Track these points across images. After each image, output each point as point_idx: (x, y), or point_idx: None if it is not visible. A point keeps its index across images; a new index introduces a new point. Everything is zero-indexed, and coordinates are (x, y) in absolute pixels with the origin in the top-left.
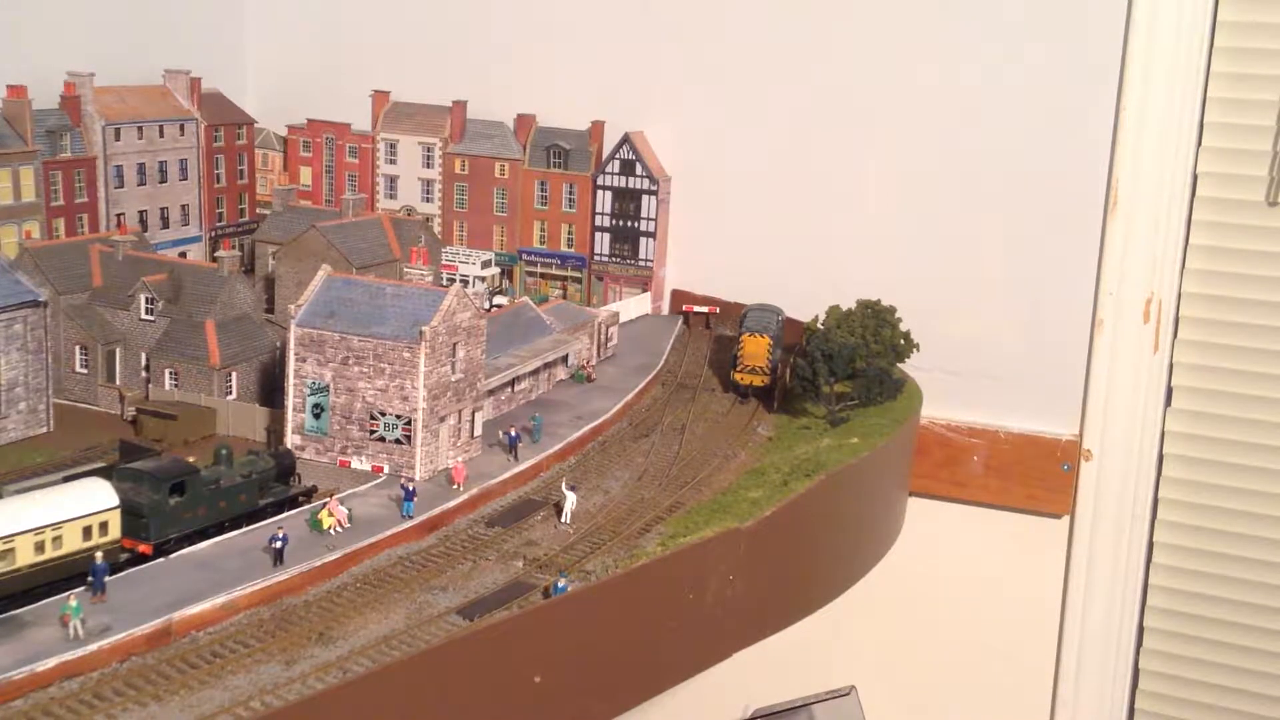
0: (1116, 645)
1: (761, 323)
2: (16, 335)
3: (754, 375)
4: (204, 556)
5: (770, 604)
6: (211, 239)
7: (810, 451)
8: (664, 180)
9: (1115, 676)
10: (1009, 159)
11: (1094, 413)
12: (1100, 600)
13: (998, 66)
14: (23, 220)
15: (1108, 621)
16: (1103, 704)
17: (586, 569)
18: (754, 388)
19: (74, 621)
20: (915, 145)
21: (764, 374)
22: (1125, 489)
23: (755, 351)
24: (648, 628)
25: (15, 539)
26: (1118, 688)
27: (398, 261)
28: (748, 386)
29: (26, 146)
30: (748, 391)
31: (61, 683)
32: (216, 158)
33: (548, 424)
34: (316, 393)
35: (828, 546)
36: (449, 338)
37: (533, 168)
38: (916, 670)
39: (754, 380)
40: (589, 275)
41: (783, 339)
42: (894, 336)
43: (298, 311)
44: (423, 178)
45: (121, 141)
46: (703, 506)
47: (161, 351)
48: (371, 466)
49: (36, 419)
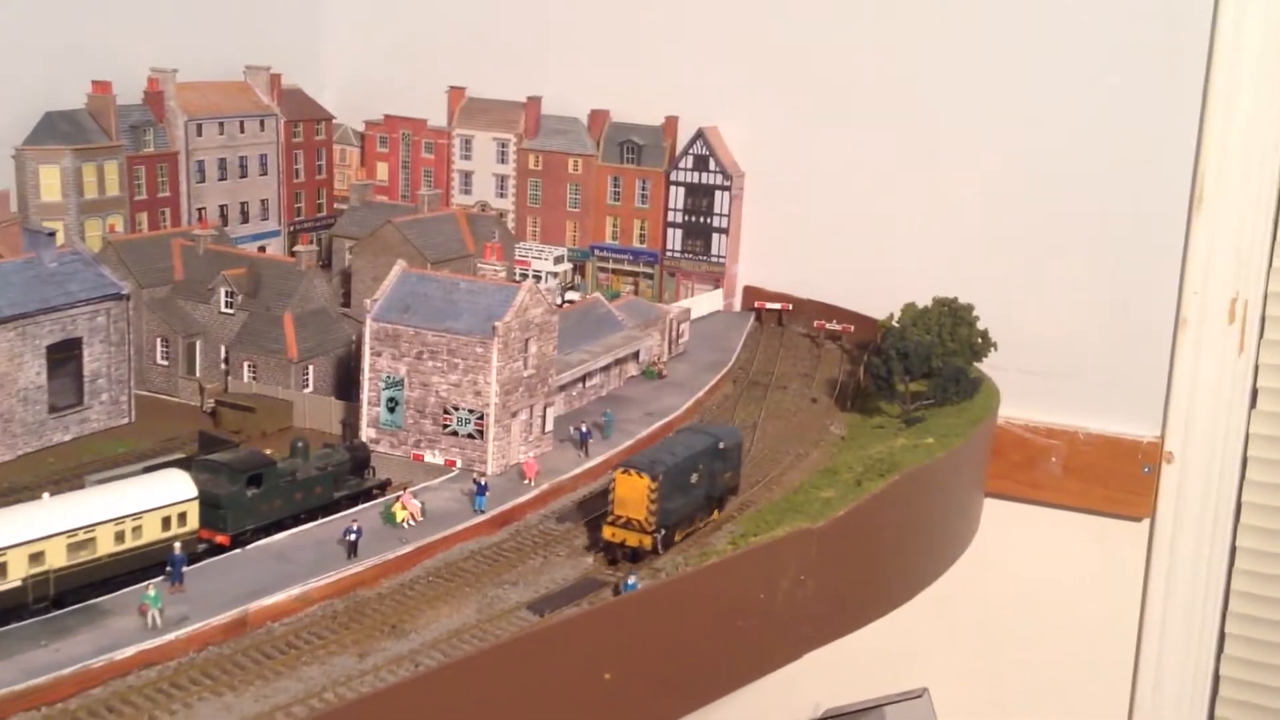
0: (1197, 652)
1: (661, 454)
2: (100, 327)
3: (627, 531)
4: (280, 548)
5: (843, 605)
6: (290, 233)
7: (884, 451)
8: (737, 176)
9: (1195, 683)
10: (1091, 155)
11: (1176, 414)
12: (1181, 605)
13: (1080, 62)
14: (107, 214)
15: (1188, 627)
16: (1181, 711)
17: (656, 567)
18: (629, 549)
19: (152, 611)
20: (995, 142)
21: (642, 529)
22: (1208, 492)
23: (628, 497)
24: (718, 626)
25: (96, 528)
26: (1198, 695)
27: (472, 257)
28: (619, 546)
29: (111, 141)
30: (618, 555)
31: (139, 671)
32: (295, 153)
33: (618, 420)
34: (391, 387)
35: (901, 548)
36: (521, 333)
37: (606, 163)
38: (991, 674)
39: (627, 538)
40: (661, 271)
41: (713, 479)
42: (971, 335)
43: (373, 306)
44: (497, 173)
45: (203, 137)
46: (774, 505)
47: (240, 344)
48: (444, 460)
49: (118, 410)
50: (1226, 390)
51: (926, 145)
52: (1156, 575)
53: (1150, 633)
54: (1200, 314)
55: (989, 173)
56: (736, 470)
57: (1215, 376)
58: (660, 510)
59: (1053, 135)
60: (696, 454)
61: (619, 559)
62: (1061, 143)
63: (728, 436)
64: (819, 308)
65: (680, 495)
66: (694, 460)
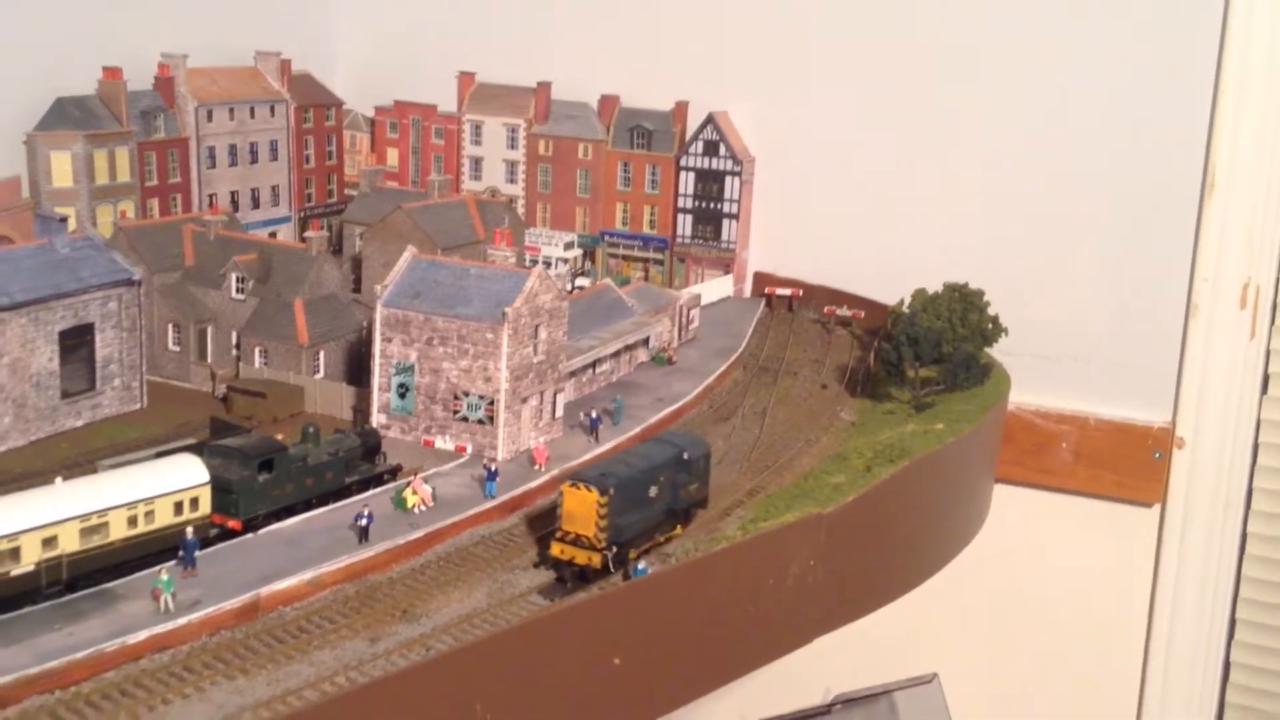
0: (1208, 638)
1: (614, 466)
2: (112, 313)
3: (576, 548)
4: (291, 533)
5: (852, 590)
6: (300, 219)
7: (894, 437)
8: (748, 161)
9: (1206, 669)
10: (1103, 141)
11: (1187, 400)
12: (1191, 591)
13: (1092, 47)
14: (118, 200)
15: (1199, 613)
16: (1192, 697)
17: (666, 552)
18: (577, 567)
19: (165, 595)
20: (1006, 127)
21: (592, 547)
22: (1219, 478)
23: (576, 512)
24: (727, 612)
25: (109, 513)
26: (1208, 680)
27: (482, 243)
28: (568, 564)
29: (122, 127)
30: (565, 574)
31: (152, 655)
32: (306, 139)
33: (628, 406)
34: (402, 372)
35: (911, 533)
36: (531, 319)
37: (616, 149)
38: (1000, 659)
39: (576, 556)
40: (671, 257)
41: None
42: (982, 320)
43: (384, 292)
44: (507, 159)
45: (213, 122)
46: (784, 491)
47: (251, 330)
48: (455, 446)
49: (130, 395)
50: (1238, 376)
51: (938, 130)
52: (1167, 561)
53: (1160, 618)
54: (1212, 299)
55: (1000, 158)
56: (704, 482)
57: (1227, 362)
58: (612, 526)
59: (1065, 121)
60: (656, 465)
61: (566, 578)
62: (1073, 128)
63: (693, 447)
64: (829, 293)
65: (637, 510)
66: (653, 472)
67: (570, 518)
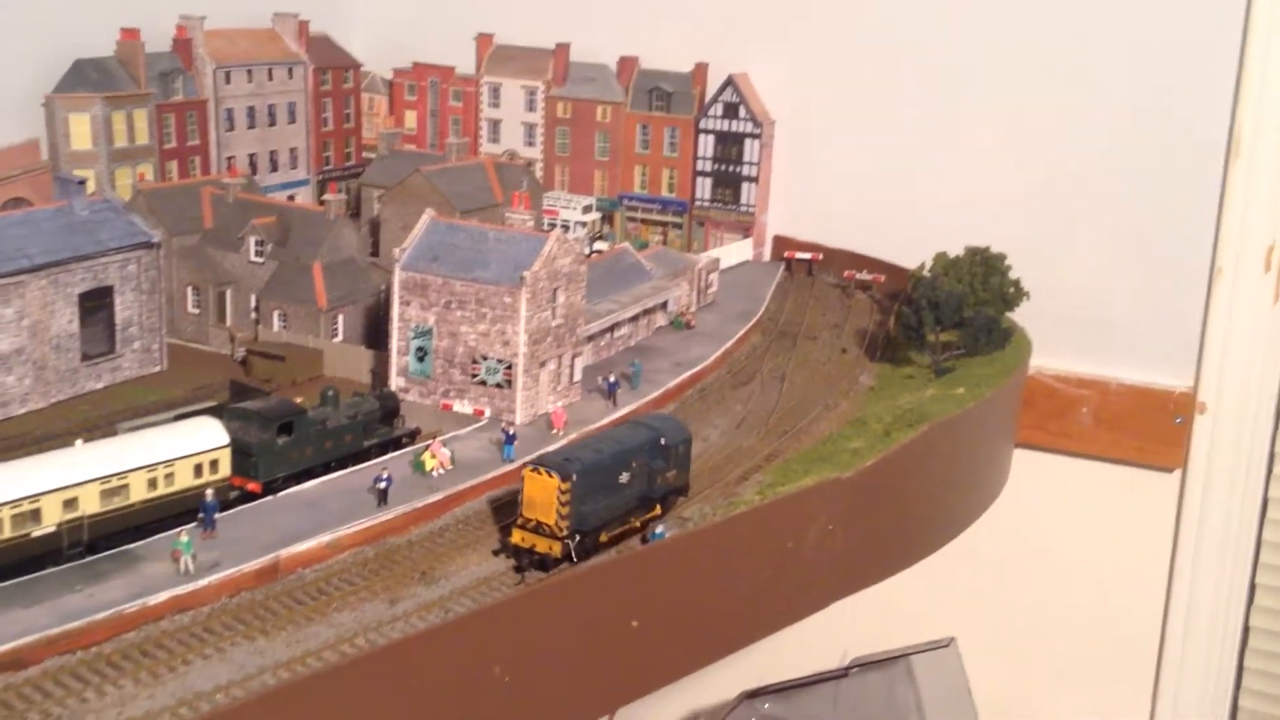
0: (1227, 602)
1: (580, 451)
2: (131, 276)
3: (537, 536)
4: (310, 496)
5: (870, 555)
6: (319, 182)
7: (914, 401)
8: (768, 123)
9: (1225, 633)
10: (1125, 101)
11: (1210, 364)
12: (1211, 557)
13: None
14: (137, 162)
15: (1218, 578)
16: (1210, 661)
17: (684, 516)
18: (538, 555)
19: (185, 557)
20: (1029, 89)
21: (552, 535)
22: (1240, 443)
23: (537, 498)
24: (745, 576)
25: (129, 475)
26: (1227, 645)
27: (500, 206)
28: (528, 553)
29: (140, 89)
30: (523, 563)
31: (172, 616)
32: (324, 101)
33: (647, 370)
34: (420, 336)
35: (930, 498)
36: (550, 283)
37: (635, 111)
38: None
39: (536, 544)
40: (690, 221)
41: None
42: (1003, 284)
43: (402, 255)
44: (525, 121)
45: (232, 84)
46: (802, 455)
47: (270, 293)
48: (473, 410)
49: (150, 358)
50: (1261, 340)
51: (959, 93)
52: (1187, 527)
53: (1180, 584)
54: (1235, 263)
55: (1023, 120)
56: (684, 469)
57: (1250, 326)
58: (575, 514)
59: (1089, 84)
60: (629, 450)
61: (524, 567)
62: (1097, 92)
63: (672, 431)
64: (849, 257)
65: (604, 497)
66: (624, 457)
67: (531, 504)
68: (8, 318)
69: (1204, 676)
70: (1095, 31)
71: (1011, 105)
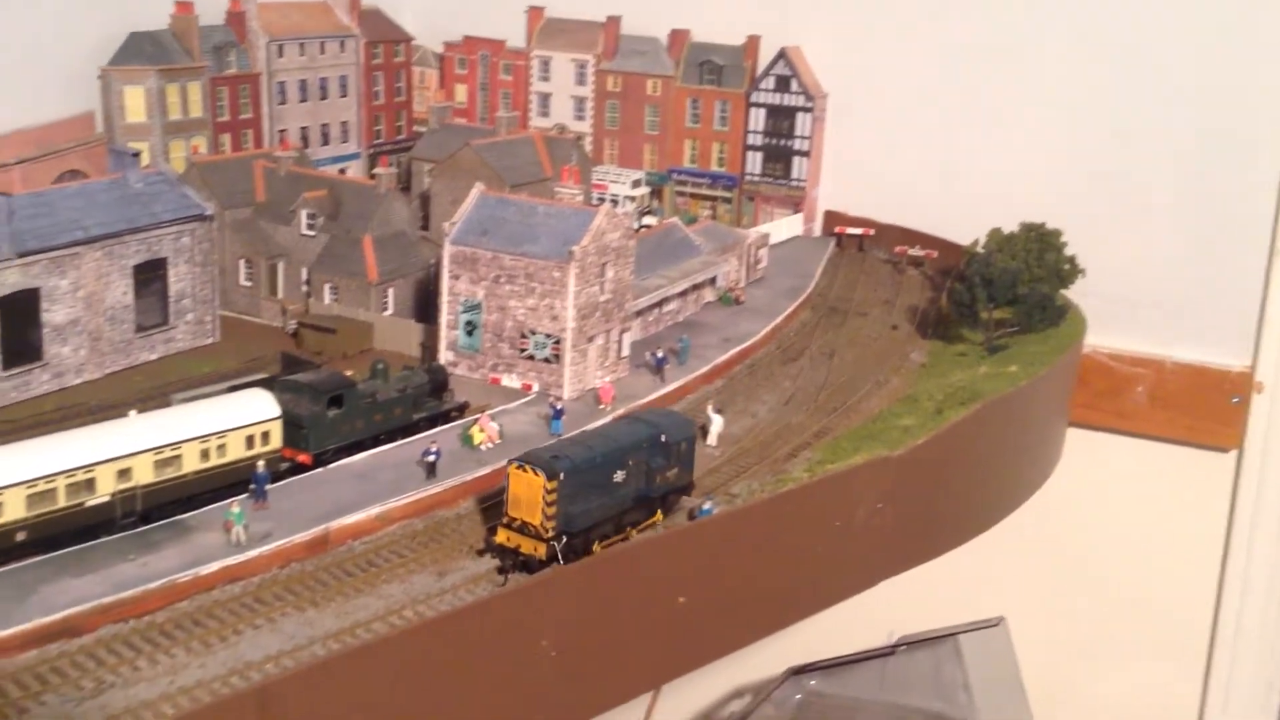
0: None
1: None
2: (185, 248)
3: (523, 536)
4: (360, 468)
5: (920, 533)
6: (369, 156)
7: (966, 379)
8: (820, 97)
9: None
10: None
11: (1269, 343)
12: (1267, 537)
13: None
14: (190, 135)
15: (1273, 559)
16: (1265, 643)
17: (732, 493)
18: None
19: (236, 528)
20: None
21: (538, 536)
22: None
23: (522, 497)
24: (793, 553)
25: (182, 446)
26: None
27: (549, 180)
28: (513, 553)
29: (194, 62)
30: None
31: (224, 586)
32: (375, 75)
33: (695, 346)
34: (469, 310)
35: (982, 477)
36: (598, 258)
37: (685, 84)
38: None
39: (522, 544)
40: (739, 195)
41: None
42: (1059, 261)
43: (452, 229)
44: (575, 95)
45: (284, 58)
46: (852, 433)
47: (321, 266)
48: (521, 384)
49: (203, 330)
50: None
51: (1015, 66)
52: (1243, 507)
53: (1234, 564)
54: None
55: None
56: (687, 467)
57: None
58: (562, 514)
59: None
60: (624, 447)
61: (507, 569)
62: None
63: (674, 427)
64: (901, 233)
65: (596, 496)
66: (618, 455)
67: (516, 503)
68: (63, 289)
69: (1257, 657)
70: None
71: (1070, 79)
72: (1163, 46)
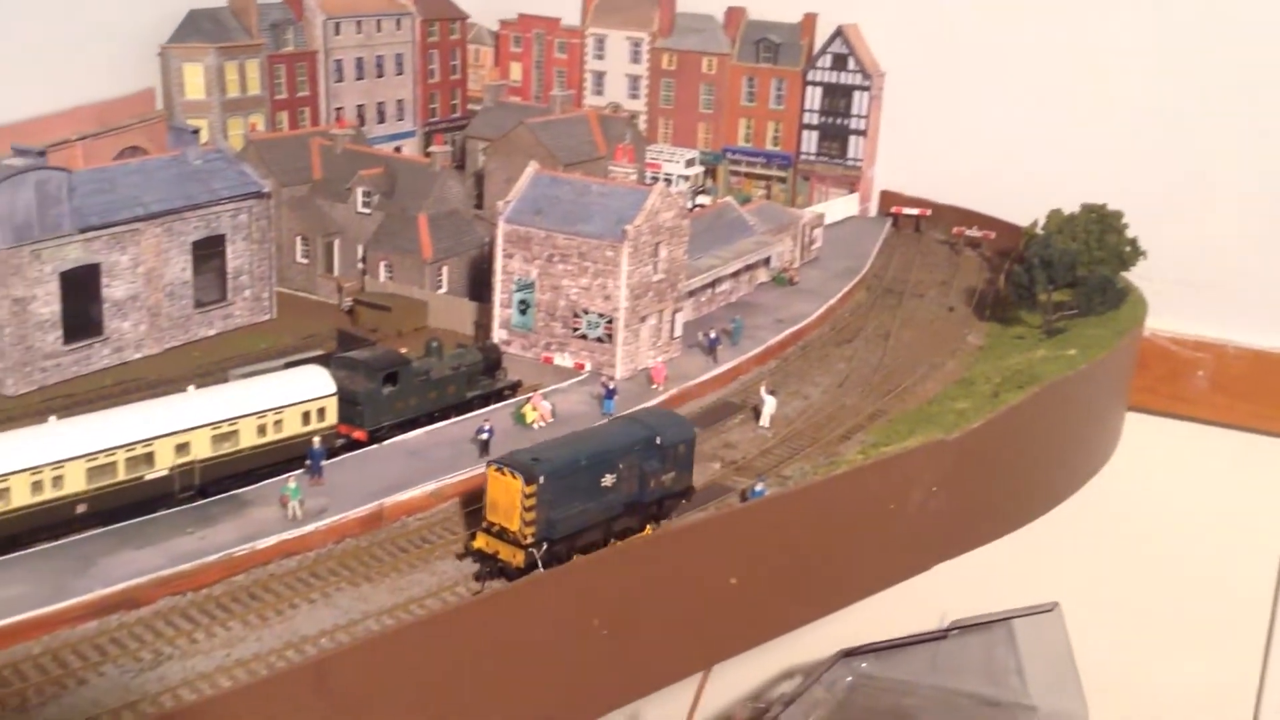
0: None
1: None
2: (242, 225)
3: (501, 542)
4: (414, 445)
5: (975, 518)
6: (425, 134)
7: (1024, 362)
8: (877, 76)
9: None
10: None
11: None
12: None
13: None
14: (248, 113)
15: None
16: None
17: (784, 474)
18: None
19: (292, 503)
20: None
21: (516, 544)
22: None
23: (500, 501)
24: (846, 536)
25: (239, 421)
26: None
27: (603, 159)
28: (492, 558)
29: (252, 40)
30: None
31: (280, 560)
32: (431, 52)
33: (748, 327)
34: (523, 289)
35: (1038, 461)
36: (652, 237)
37: (741, 62)
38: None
39: (500, 550)
40: (794, 175)
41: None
42: (1120, 243)
43: (506, 208)
44: (630, 73)
45: (341, 35)
46: (907, 416)
47: (377, 244)
48: (574, 364)
49: (260, 306)
50: None
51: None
52: None
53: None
54: None
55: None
56: (685, 471)
57: None
58: (542, 520)
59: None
60: (614, 450)
61: (483, 576)
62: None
63: (670, 429)
64: (958, 213)
65: (581, 501)
66: (608, 457)
67: (494, 507)
68: (123, 265)
69: None
70: None
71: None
72: (1231, 26)
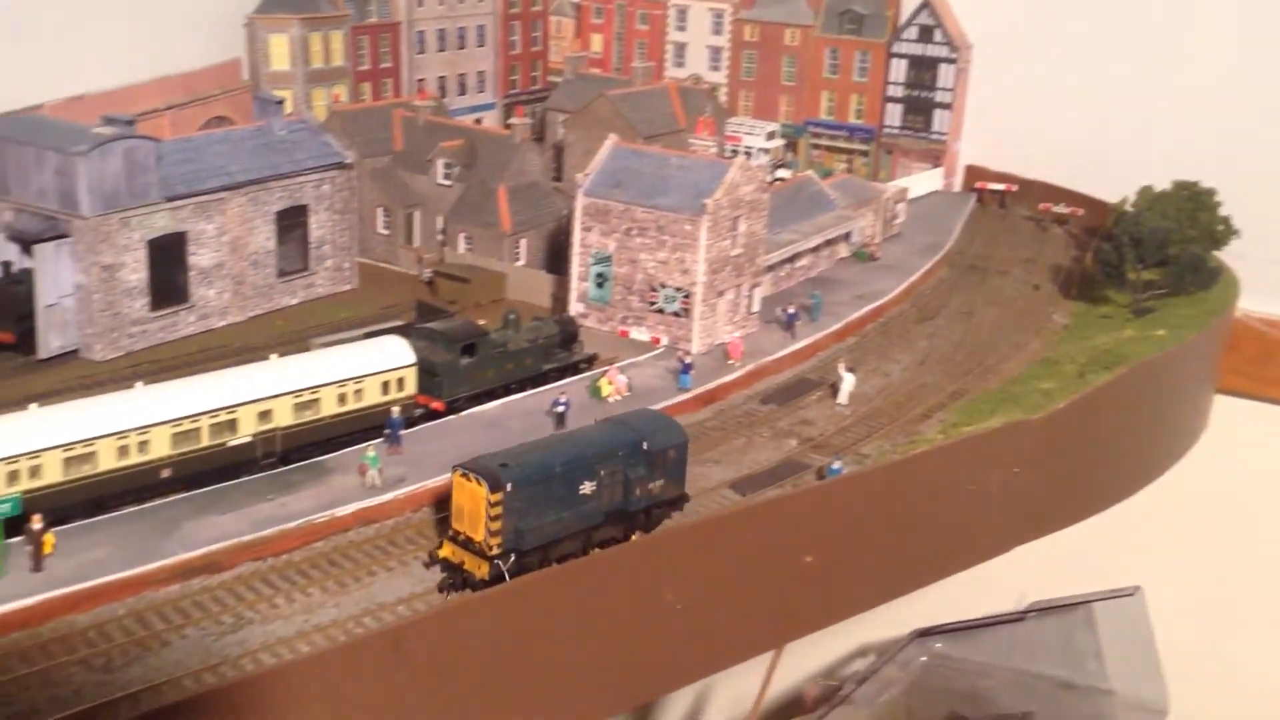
0: None
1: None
2: (325, 195)
3: (467, 551)
4: (491, 416)
5: (1057, 500)
6: (505, 106)
7: (1110, 342)
8: (964, 48)
9: None
10: None
11: None
12: None
13: None
14: (332, 84)
15: None
16: None
17: (863, 453)
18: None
19: (371, 471)
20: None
21: (481, 555)
22: None
23: (465, 508)
24: (923, 516)
25: (320, 390)
26: None
27: (683, 131)
28: (458, 569)
29: (337, 11)
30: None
31: (358, 528)
32: (512, 24)
33: (827, 303)
34: (600, 262)
35: (1123, 443)
36: (731, 211)
37: (824, 34)
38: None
39: (465, 560)
40: (877, 149)
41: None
42: (1212, 221)
43: (585, 181)
44: (711, 45)
45: (424, 7)
46: (989, 395)
47: (457, 216)
48: (650, 338)
49: (342, 276)
50: None
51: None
52: None
53: None
54: None
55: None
56: (676, 478)
57: None
58: (510, 530)
59: None
60: (594, 455)
61: (445, 586)
62: None
63: (659, 433)
64: (1045, 189)
65: (555, 510)
66: (586, 463)
67: (459, 514)
68: (209, 233)
69: None
70: None
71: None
72: None
